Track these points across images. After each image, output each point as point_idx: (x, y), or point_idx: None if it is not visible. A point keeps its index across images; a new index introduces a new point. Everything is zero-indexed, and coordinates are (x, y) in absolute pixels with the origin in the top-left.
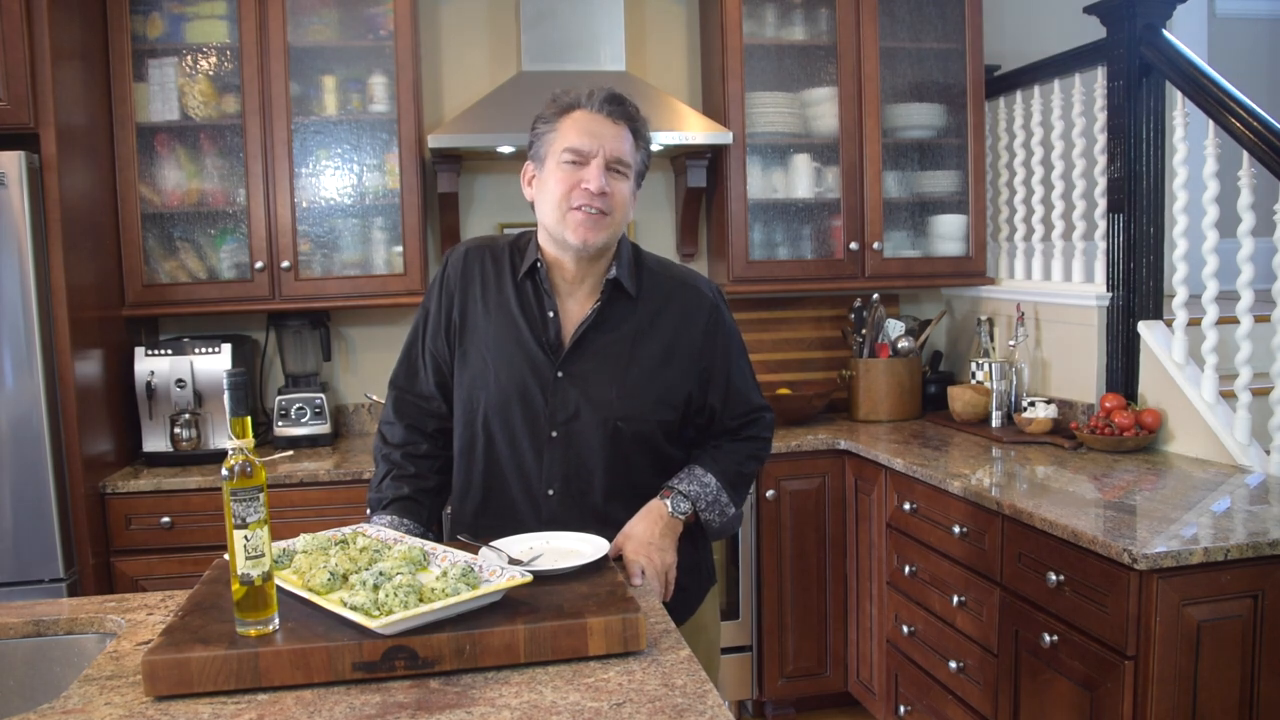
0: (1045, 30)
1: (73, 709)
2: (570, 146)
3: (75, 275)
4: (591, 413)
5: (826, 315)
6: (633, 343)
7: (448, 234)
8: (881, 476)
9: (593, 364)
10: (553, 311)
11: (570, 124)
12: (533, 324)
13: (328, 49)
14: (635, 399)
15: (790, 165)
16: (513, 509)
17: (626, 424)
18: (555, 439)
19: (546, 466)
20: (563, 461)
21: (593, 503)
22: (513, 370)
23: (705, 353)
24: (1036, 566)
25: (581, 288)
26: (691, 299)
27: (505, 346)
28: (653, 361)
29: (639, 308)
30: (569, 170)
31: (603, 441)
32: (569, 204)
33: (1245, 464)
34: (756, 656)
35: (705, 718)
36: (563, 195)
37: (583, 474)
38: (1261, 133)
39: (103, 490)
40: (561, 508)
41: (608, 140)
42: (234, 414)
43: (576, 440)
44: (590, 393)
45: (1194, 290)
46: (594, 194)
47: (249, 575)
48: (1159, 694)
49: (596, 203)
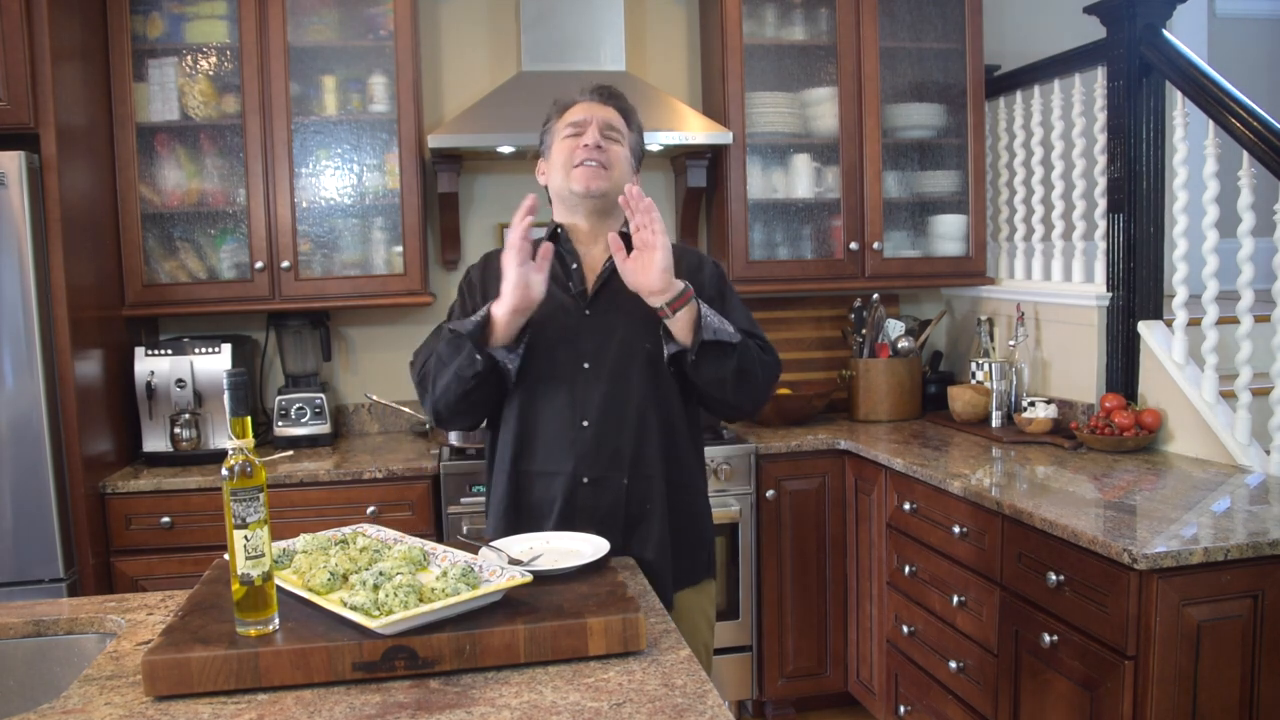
0: (1045, 30)
1: (73, 709)
2: (570, 122)
3: (75, 275)
4: (621, 341)
5: (826, 315)
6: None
7: (448, 234)
8: (881, 476)
9: (618, 300)
10: (575, 264)
11: (568, 114)
12: (556, 278)
13: (328, 49)
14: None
15: (790, 165)
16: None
17: (655, 346)
18: (588, 370)
19: (581, 400)
20: (596, 394)
21: (626, 436)
22: (540, 315)
23: (716, 297)
24: (1036, 566)
25: (596, 246)
26: (697, 260)
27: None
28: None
29: None
30: (570, 141)
31: (633, 370)
32: (572, 163)
33: (1245, 464)
34: (756, 656)
35: (705, 718)
36: (567, 158)
37: (616, 404)
38: (1261, 133)
39: (103, 490)
40: (595, 440)
41: (600, 114)
42: (234, 414)
43: (609, 371)
44: (618, 324)
45: (1194, 290)
46: (591, 148)
47: (249, 575)
48: (1159, 694)
49: (595, 155)
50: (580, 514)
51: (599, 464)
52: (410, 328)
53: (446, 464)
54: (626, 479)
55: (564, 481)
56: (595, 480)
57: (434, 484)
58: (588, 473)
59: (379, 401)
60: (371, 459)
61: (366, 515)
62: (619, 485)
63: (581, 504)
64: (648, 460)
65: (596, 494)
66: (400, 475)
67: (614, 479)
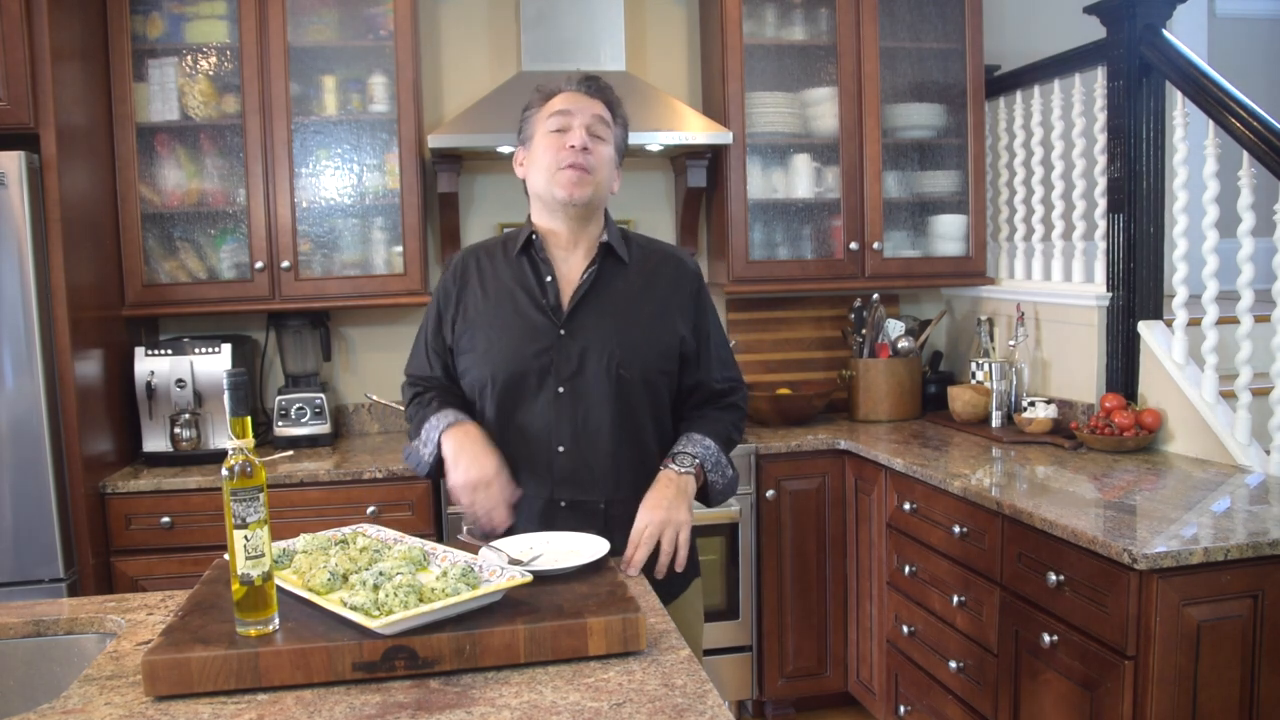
0: (1045, 30)
1: (73, 709)
2: (555, 112)
3: (75, 275)
4: (595, 363)
5: (826, 315)
6: (628, 300)
7: (448, 234)
8: (881, 476)
9: (593, 319)
10: (550, 276)
11: (551, 103)
12: (530, 292)
13: (328, 49)
14: (635, 349)
15: (790, 165)
16: (527, 469)
17: (629, 370)
18: (562, 394)
19: (555, 424)
20: (571, 418)
21: (601, 460)
22: (513, 337)
23: (694, 312)
24: (1036, 566)
25: (575, 253)
26: (678, 268)
27: (505, 318)
28: (648, 316)
29: (630, 272)
30: (555, 138)
31: (608, 393)
32: (557, 165)
33: (1245, 464)
34: (756, 656)
35: (705, 718)
36: (551, 158)
37: (590, 427)
38: (1261, 133)
39: (103, 490)
40: (571, 464)
41: (586, 107)
42: (234, 414)
43: (583, 394)
44: (592, 345)
45: (1194, 290)
46: (578, 150)
47: (249, 575)
48: (1159, 694)
49: (581, 159)
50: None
51: (576, 488)
52: (410, 328)
53: None
54: (603, 503)
55: (541, 505)
56: (572, 504)
57: (434, 484)
58: (565, 496)
59: (379, 401)
60: (371, 459)
61: (366, 515)
62: (596, 509)
63: (560, 527)
64: (623, 483)
65: (574, 517)
66: (400, 475)
67: (591, 503)
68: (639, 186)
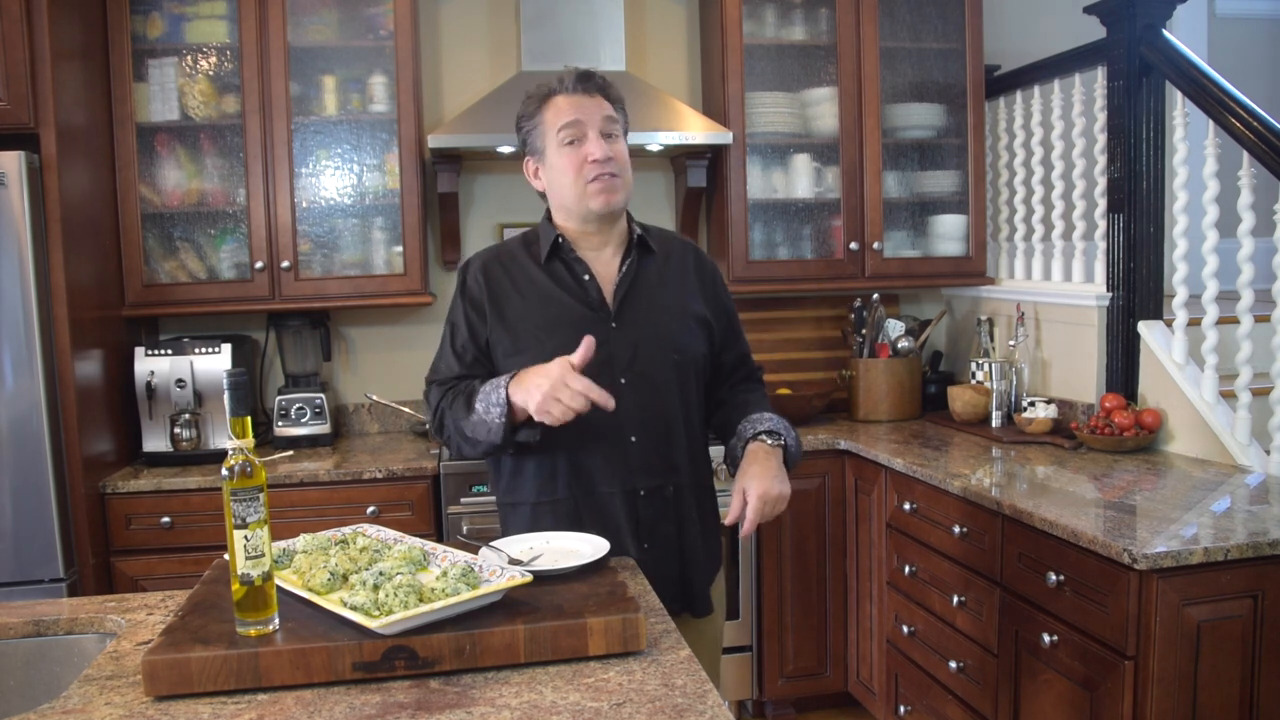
0: (1045, 30)
1: (73, 709)
2: (563, 125)
3: (75, 275)
4: (652, 350)
5: (826, 315)
6: (663, 288)
7: (448, 234)
8: (881, 476)
9: (640, 309)
10: (588, 274)
11: (552, 110)
12: (571, 291)
13: (328, 49)
14: (682, 333)
15: (790, 165)
16: (603, 462)
17: (681, 354)
18: (625, 385)
19: (625, 415)
20: (638, 406)
21: (671, 444)
22: (565, 334)
23: (717, 291)
24: (1036, 566)
25: (605, 251)
26: (692, 253)
27: (551, 318)
28: (685, 299)
29: (658, 260)
30: (570, 150)
31: (669, 376)
32: (585, 179)
33: (1245, 464)
34: (756, 656)
35: (705, 718)
36: (575, 173)
37: (659, 413)
38: (1261, 133)
39: (103, 490)
40: (644, 452)
41: (593, 110)
42: (234, 414)
43: (646, 381)
44: (645, 334)
45: (1194, 290)
46: (602, 161)
47: (249, 575)
48: (1159, 694)
49: (608, 168)
50: (643, 527)
51: (651, 475)
52: (410, 328)
53: (446, 464)
54: (672, 486)
55: (621, 499)
56: (650, 492)
57: (434, 484)
58: (644, 485)
59: (379, 401)
60: (371, 459)
61: (366, 515)
62: (668, 493)
63: (643, 516)
64: (682, 468)
65: (651, 505)
66: (400, 475)
67: (664, 488)
68: (639, 186)
